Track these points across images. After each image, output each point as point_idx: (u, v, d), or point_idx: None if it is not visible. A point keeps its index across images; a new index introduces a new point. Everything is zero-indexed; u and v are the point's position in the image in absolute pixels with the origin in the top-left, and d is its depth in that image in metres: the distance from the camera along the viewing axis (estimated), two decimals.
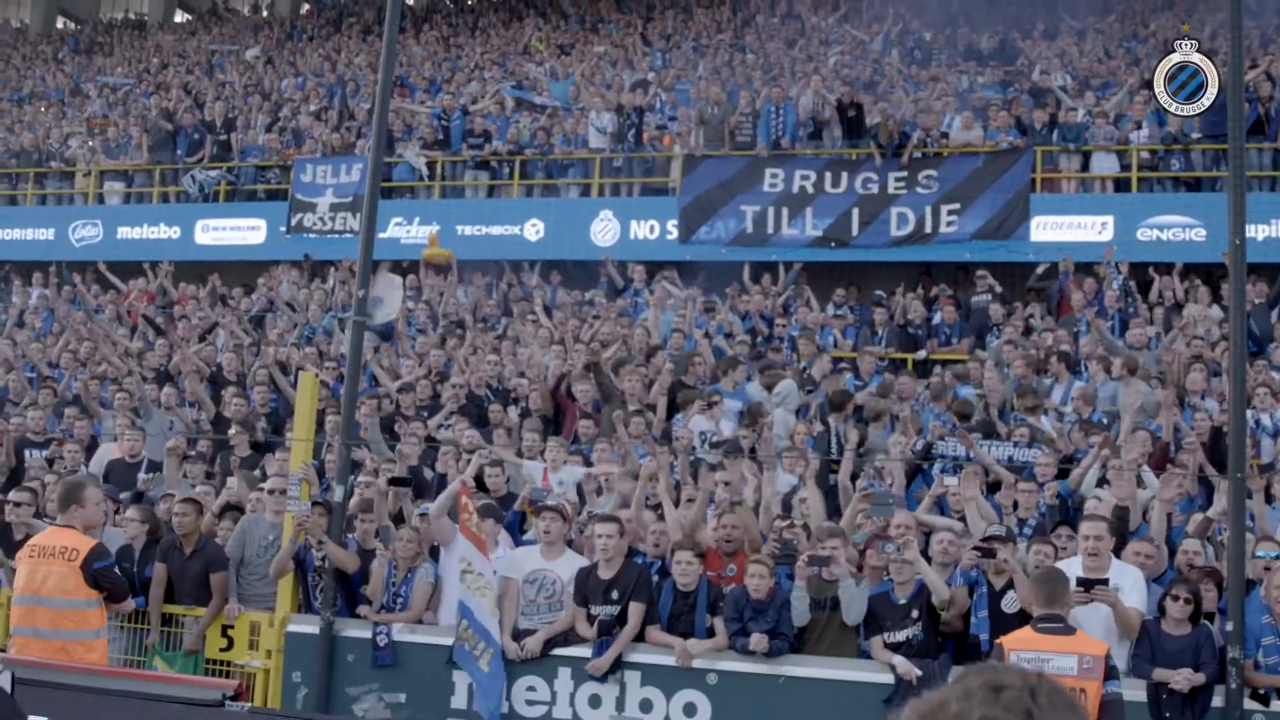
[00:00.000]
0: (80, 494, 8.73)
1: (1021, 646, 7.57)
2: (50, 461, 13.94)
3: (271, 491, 11.04)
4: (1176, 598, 8.71)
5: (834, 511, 11.26)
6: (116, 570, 8.98)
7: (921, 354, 17.49)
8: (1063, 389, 14.58)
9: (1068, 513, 11.20)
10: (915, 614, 9.23)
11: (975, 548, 9.48)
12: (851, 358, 16.61)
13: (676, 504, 10.73)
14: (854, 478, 11.74)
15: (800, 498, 11.12)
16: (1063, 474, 11.84)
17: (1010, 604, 9.05)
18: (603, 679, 9.53)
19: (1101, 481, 11.56)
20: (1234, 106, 9.21)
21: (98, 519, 9.14)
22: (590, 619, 9.69)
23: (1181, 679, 8.45)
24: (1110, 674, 7.48)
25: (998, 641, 7.83)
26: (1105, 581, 8.58)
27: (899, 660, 9.04)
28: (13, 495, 11.23)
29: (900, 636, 9.21)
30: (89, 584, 8.43)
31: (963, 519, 10.71)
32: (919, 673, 8.96)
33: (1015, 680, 2.21)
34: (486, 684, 9.64)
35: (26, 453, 14.30)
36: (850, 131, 21.04)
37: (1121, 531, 10.04)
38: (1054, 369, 14.85)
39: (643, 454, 12.16)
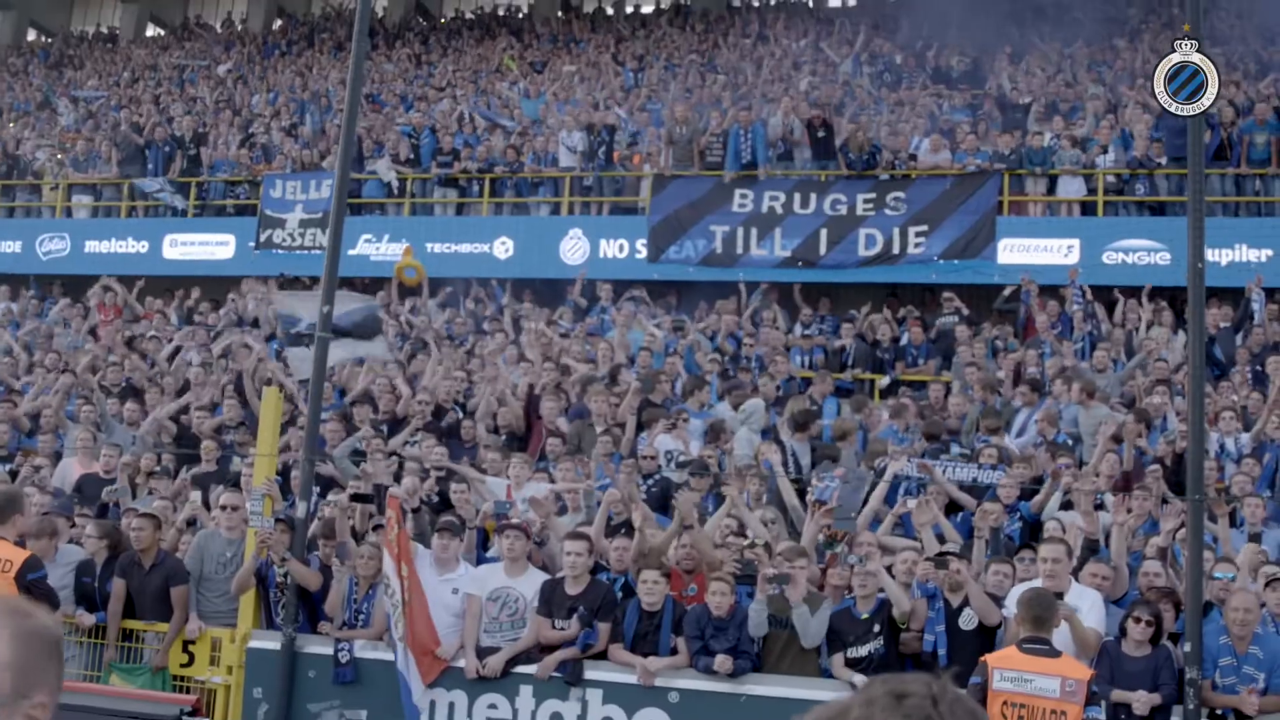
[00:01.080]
0: (21, 504, 8.69)
1: (1006, 665, 7.61)
2: (13, 475, 13.83)
3: (224, 507, 10.99)
4: (1138, 619, 8.75)
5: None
6: (49, 582, 8.94)
7: (885, 381, 17.46)
8: (1027, 413, 14.61)
9: (1033, 535, 11.24)
10: (877, 629, 9.28)
11: (928, 559, 9.54)
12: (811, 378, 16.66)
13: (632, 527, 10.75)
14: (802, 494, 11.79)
15: (766, 518, 11.15)
16: (1025, 495, 11.90)
17: (968, 621, 9.09)
18: (564, 696, 9.54)
19: (1064, 505, 11.63)
20: (1194, 133, 9.31)
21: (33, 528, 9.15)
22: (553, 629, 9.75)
23: (1140, 702, 8.50)
24: (1091, 699, 7.52)
25: (982, 659, 7.86)
26: (1060, 596, 8.64)
27: (860, 679, 9.06)
28: None
29: (862, 652, 9.25)
30: (21, 595, 8.39)
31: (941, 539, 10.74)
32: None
33: (918, 688, 2.21)
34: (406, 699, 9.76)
35: None
36: (819, 153, 21.12)
37: (1087, 558, 10.09)
38: (1026, 396, 14.81)
39: (603, 478, 12.20)
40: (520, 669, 9.72)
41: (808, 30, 29.82)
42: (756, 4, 35.64)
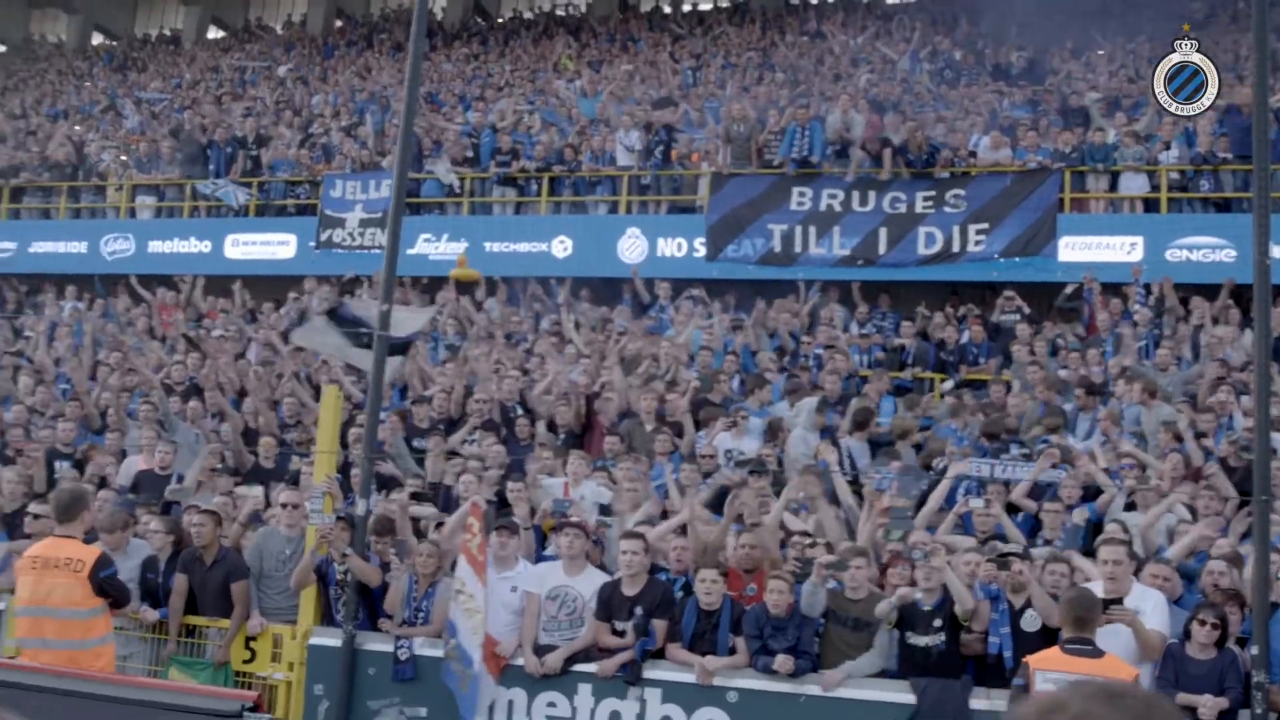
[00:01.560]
0: (88, 500, 8.85)
1: (1048, 666, 7.53)
2: (80, 471, 14.03)
3: (284, 505, 11.07)
4: (1204, 622, 8.63)
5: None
6: (119, 577, 9.06)
7: (948, 384, 17.22)
8: (1088, 417, 14.40)
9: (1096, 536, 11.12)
10: (938, 623, 9.20)
11: (990, 560, 9.46)
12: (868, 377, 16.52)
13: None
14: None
15: (816, 518, 11.12)
16: (1089, 496, 11.76)
17: (1030, 622, 9.00)
18: (623, 695, 9.53)
19: (1127, 506, 11.50)
20: (1259, 127, 9.13)
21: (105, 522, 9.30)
22: (614, 634, 9.72)
23: (1207, 706, 8.36)
24: None
25: (1025, 660, 7.81)
26: (1120, 600, 8.53)
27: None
28: (34, 507, 11.26)
29: (922, 641, 9.19)
30: (95, 593, 8.51)
31: (984, 541, 10.63)
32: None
33: (1134, 690, 2.39)
34: (463, 700, 9.74)
35: (56, 464, 14.40)
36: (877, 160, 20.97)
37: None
38: (1084, 401, 14.58)
39: (660, 476, 12.21)
40: (579, 667, 9.72)
41: (866, 26, 29.67)
42: (814, 1, 35.51)
